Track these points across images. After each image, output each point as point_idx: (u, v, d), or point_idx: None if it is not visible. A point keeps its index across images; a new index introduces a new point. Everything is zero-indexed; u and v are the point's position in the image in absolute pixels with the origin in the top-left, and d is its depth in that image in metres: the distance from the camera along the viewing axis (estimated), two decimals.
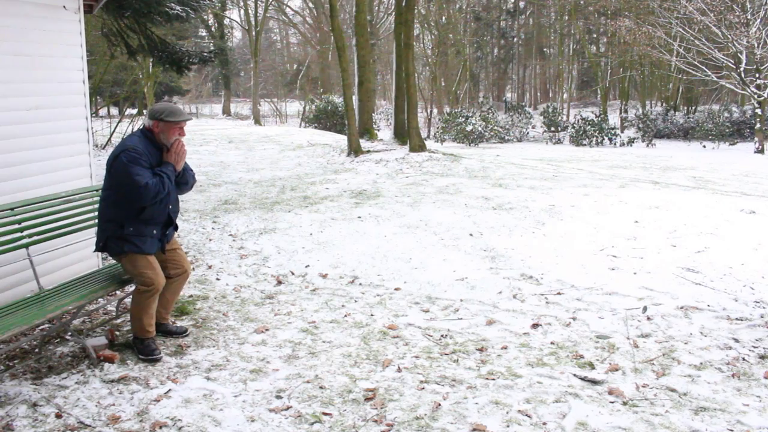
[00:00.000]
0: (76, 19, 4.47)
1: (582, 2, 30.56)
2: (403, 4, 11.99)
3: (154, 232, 3.50)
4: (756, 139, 18.98)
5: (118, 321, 4.12)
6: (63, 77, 4.44)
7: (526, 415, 2.93)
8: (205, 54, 10.23)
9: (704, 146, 21.17)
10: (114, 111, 25.66)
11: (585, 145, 21.89)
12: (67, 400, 3.08)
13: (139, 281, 3.50)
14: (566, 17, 33.12)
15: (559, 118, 25.61)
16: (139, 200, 3.33)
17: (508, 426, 2.83)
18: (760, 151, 18.63)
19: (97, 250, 3.55)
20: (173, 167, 3.48)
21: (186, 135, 3.55)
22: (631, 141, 22.13)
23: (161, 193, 3.36)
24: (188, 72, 11.04)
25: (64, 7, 4.34)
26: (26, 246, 3.60)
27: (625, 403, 3.02)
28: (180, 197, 3.81)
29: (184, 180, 3.64)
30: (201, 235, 6.38)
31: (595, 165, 13.25)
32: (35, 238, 3.66)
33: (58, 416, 2.93)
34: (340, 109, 22.65)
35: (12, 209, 3.56)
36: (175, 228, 3.70)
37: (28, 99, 4.16)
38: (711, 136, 21.84)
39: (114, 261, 4.20)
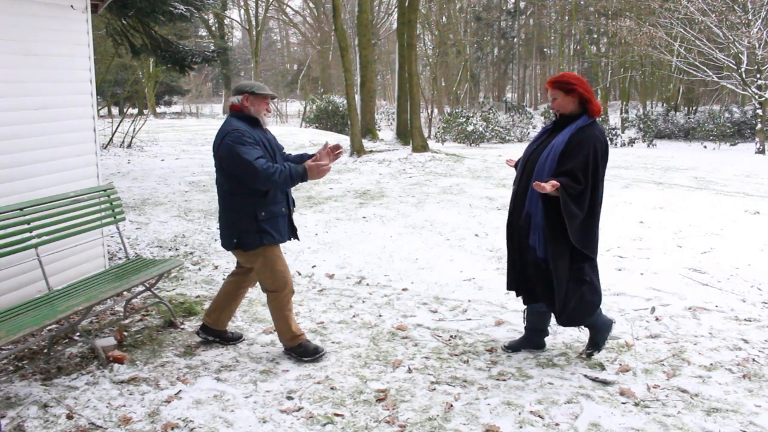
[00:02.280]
0: (83, 19, 4.46)
1: (582, 2, 30.58)
2: (406, 4, 11.99)
3: (283, 209, 3.40)
4: (757, 139, 19.01)
5: (126, 321, 4.11)
6: (70, 77, 4.43)
7: (539, 416, 2.92)
8: (208, 53, 10.22)
9: (705, 147, 21.20)
10: (114, 111, 25.63)
11: None
12: (78, 401, 3.07)
13: (272, 286, 3.41)
14: (567, 17, 33.13)
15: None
16: (253, 179, 3.16)
17: (521, 427, 2.83)
18: (761, 151, 18.66)
19: (229, 248, 3.41)
20: (306, 175, 3.26)
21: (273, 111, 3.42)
22: (632, 141, 22.16)
23: (276, 179, 3.15)
24: (191, 71, 11.02)
25: (71, 6, 4.33)
26: (35, 246, 3.59)
27: (636, 404, 3.02)
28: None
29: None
30: (206, 235, 6.37)
31: None
32: (44, 238, 3.66)
33: (69, 417, 2.92)
34: (340, 109, 22.64)
35: (21, 209, 3.55)
36: (294, 204, 3.61)
37: (35, 99, 4.15)
38: (712, 136, 21.87)
39: (120, 263, 4.19)
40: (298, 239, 3.68)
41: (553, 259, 3.21)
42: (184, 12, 8.52)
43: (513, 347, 3.63)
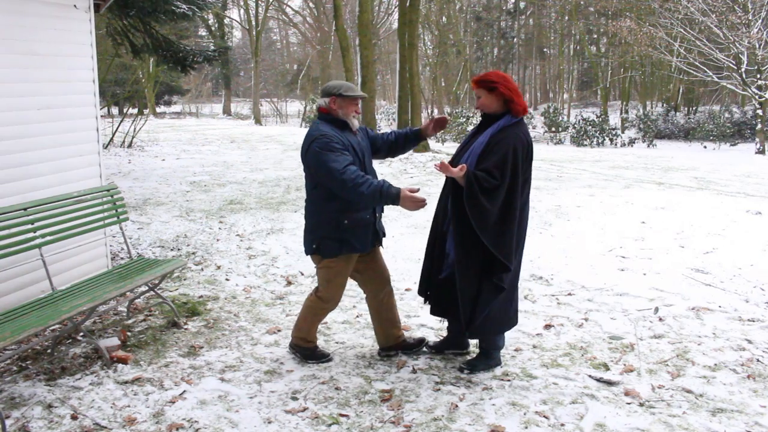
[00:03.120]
0: (86, 18, 4.45)
1: (582, 2, 30.59)
2: (407, 4, 11.98)
3: (368, 216, 3.25)
4: (757, 139, 19.03)
5: (129, 322, 4.11)
6: (73, 76, 4.43)
7: (544, 416, 2.92)
8: (209, 53, 10.21)
9: (705, 147, 21.21)
10: (114, 111, 25.61)
11: (586, 145, 21.91)
12: (82, 401, 3.06)
13: (323, 293, 3.34)
14: (566, 18, 33.14)
15: (560, 118, 25.64)
16: (340, 189, 3.02)
17: (526, 427, 2.83)
18: (761, 151, 18.67)
19: (309, 253, 3.33)
20: (398, 200, 3.00)
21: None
22: (632, 141, 22.17)
23: (363, 191, 2.98)
24: (192, 71, 11.01)
25: (75, 6, 4.33)
26: (39, 246, 3.58)
27: (641, 405, 3.02)
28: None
29: None
30: (208, 235, 6.37)
31: (597, 165, 13.27)
32: (48, 238, 3.65)
33: (74, 418, 2.92)
34: None
35: (25, 209, 3.54)
36: (381, 209, 3.45)
37: (38, 98, 4.14)
38: (712, 136, 21.87)
39: (123, 263, 4.19)
40: (381, 245, 3.48)
41: (460, 263, 3.06)
42: (186, 11, 8.51)
43: (436, 347, 3.59)
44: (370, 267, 3.43)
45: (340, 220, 3.17)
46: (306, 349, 3.49)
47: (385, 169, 10.68)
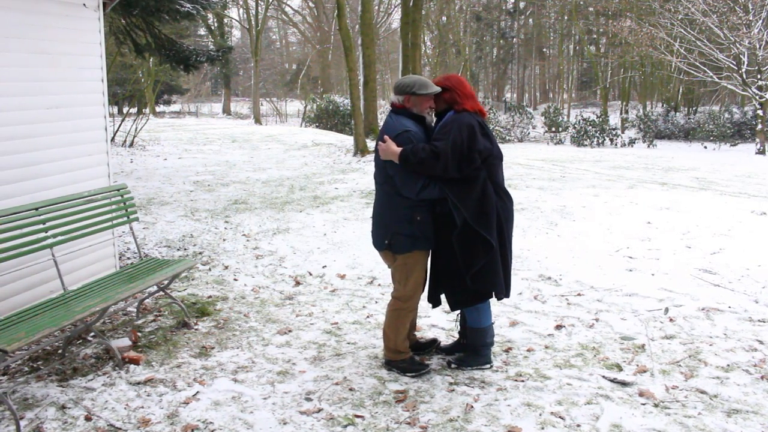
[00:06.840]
0: (95, 17, 4.43)
1: (582, 2, 30.61)
2: (411, 3, 11.97)
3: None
4: (757, 140, 19.05)
5: (139, 322, 4.09)
6: (82, 76, 4.41)
7: (560, 417, 2.92)
8: (213, 53, 10.18)
9: (705, 147, 21.23)
10: (113, 110, 25.52)
11: (586, 145, 21.92)
12: (95, 402, 3.05)
13: (401, 292, 3.28)
14: (566, 18, 33.17)
15: (560, 118, 25.65)
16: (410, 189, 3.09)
17: (542, 428, 2.82)
18: (762, 152, 18.70)
19: (380, 248, 3.30)
20: None
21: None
22: (632, 142, 22.19)
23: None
24: (195, 71, 10.98)
25: (84, 5, 4.31)
26: (51, 246, 3.57)
27: (656, 405, 3.02)
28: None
29: None
30: (214, 235, 6.35)
31: (598, 165, 13.27)
32: (59, 238, 3.63)
33: (88, 419, 2.91)
34: (341, 108, 22.62)
35: (36, 209, 3.53)
36: None
37: (47, 98, 4.12)
38: (712, 137, 21.90)
39: (133, 263, 4.17)
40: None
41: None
42: (190, 10, 8.48)
43: (447, 350, 3.59)
44: None
45: (413, 216, 3.15)
46: (401, 362, 3.35)
47: None
